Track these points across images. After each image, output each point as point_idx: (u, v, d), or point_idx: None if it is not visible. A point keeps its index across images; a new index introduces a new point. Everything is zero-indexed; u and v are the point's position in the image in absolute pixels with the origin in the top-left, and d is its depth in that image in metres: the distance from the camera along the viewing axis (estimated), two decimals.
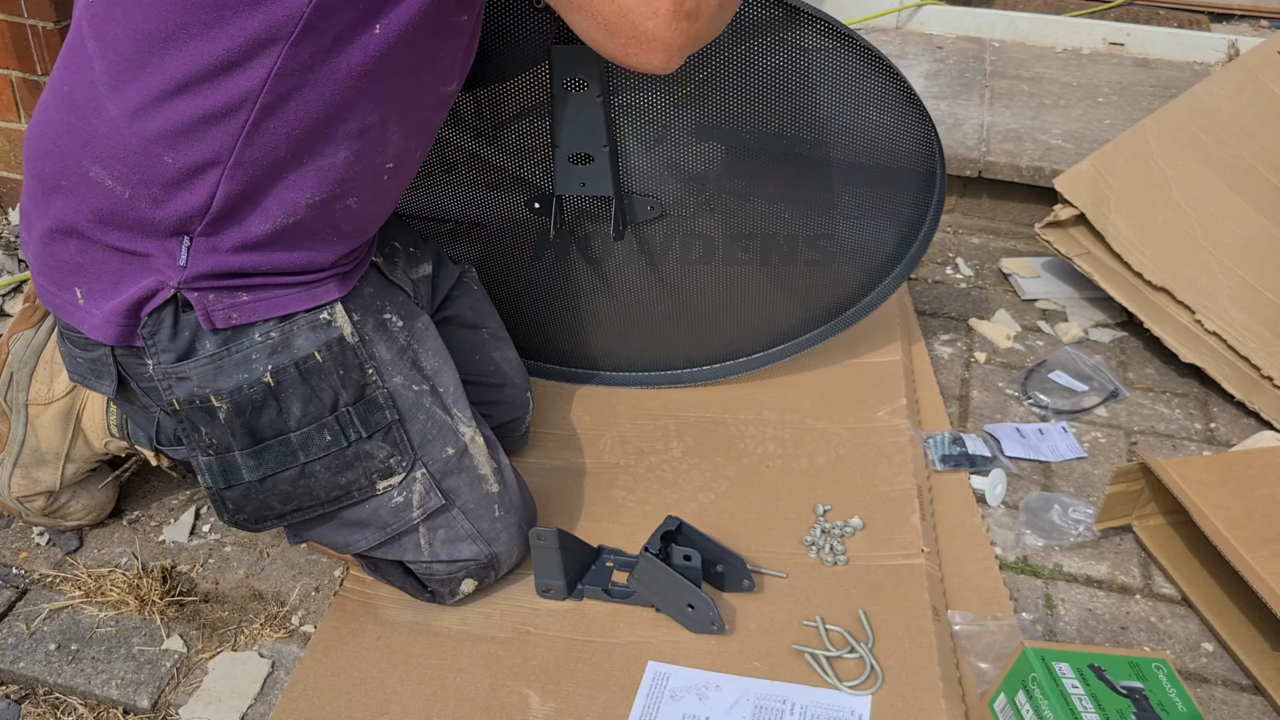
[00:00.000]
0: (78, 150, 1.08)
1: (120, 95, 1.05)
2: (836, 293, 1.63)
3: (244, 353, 1.13)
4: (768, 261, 1.57)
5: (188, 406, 1.14)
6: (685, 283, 1.60)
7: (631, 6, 1.00)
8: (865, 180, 1.50)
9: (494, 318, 1.52)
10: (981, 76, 2.63)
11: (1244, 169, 1.86)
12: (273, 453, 1.17)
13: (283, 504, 1.20)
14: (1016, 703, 1.16)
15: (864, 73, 1.39)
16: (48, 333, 1.43)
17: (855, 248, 1.58)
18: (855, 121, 1.44)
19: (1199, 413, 1.74)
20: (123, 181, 1.07)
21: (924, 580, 1.35)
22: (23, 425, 1.39)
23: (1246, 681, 1.28)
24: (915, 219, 1.57)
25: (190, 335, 1.13)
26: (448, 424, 1.25)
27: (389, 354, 1.22)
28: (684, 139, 1.43)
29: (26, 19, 1.88)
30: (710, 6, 1.05)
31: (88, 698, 1.25)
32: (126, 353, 1.16)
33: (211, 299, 1.11)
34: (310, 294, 1.16)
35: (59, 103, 1.11)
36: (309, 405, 1.16)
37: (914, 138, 1.46)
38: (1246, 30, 2.83)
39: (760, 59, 1.37)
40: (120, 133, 1.06)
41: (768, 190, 1.50)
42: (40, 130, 1.13)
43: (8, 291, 1.88)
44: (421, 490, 1.23)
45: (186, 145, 1.05)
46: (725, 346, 1.68)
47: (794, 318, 1.66)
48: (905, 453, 1.57)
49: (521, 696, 1.22)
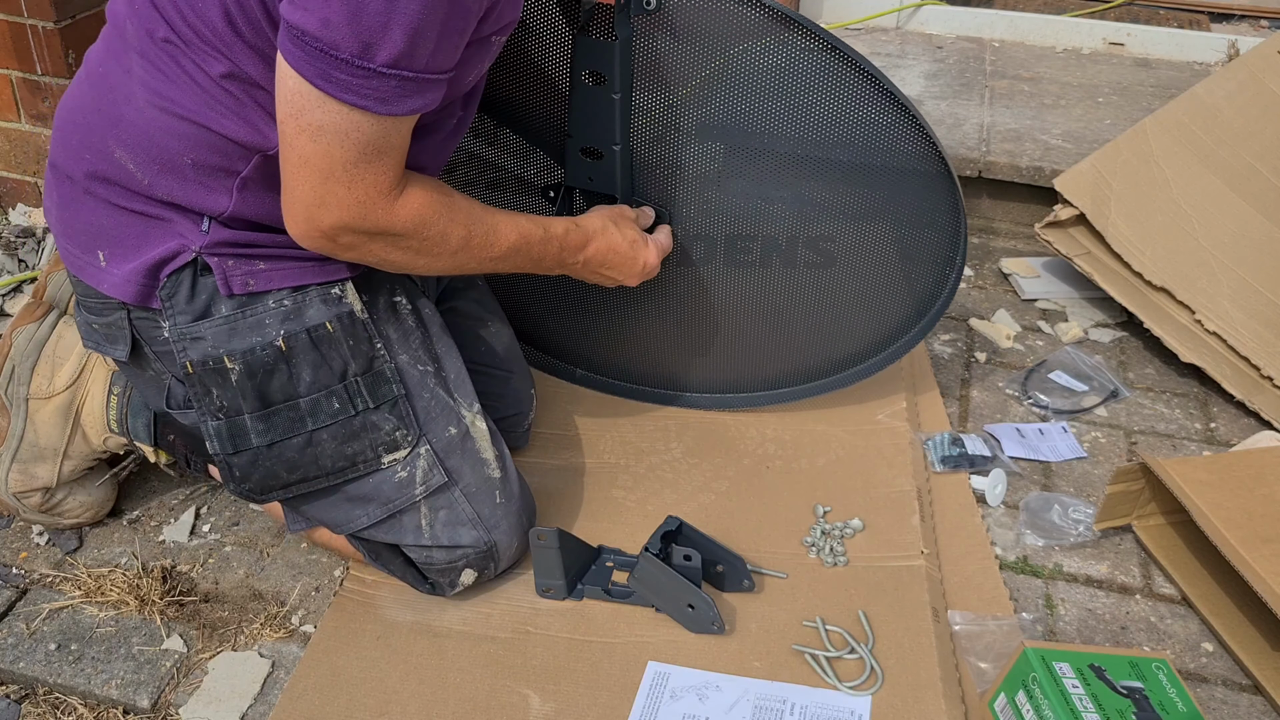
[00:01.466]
0: (105, 129, 1.12)
1: (151, 91, 1.09)
2: (851, 345, 1.60)
3: (258, 316, 1.16)
4: (788, 268, 1.53)
5: (200, 368, 1.17)
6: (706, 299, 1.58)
7: (310, 189, 1.03)
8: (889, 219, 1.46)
9: (498, 312, 1.54)
10: (982, 76, 2.63)
11: (1244, 169, 1.86)
12: (281, 417, 1.19)
13: (289, 472, 1.21)
14: (1017, 702, 1.16)
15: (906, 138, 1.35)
16: (50, 327, 1.43)
17: (873, 302, 1.54)
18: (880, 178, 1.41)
19: (1199, 412, 1.74)
20: (144, 169, 1.11)
21: (923, 581, 1.35)
22: (22, 419, 1.39)
23: (1246, 681, 1.28)
24: (938, 276, 1.53)
25: (207, 298, 1.16)
26: (450, 405, 1.27)
27: (396, 334, 1.25)
28: (694, 146, 1.42)
29: (27, 19, 1.88)
30: (370, 257, 1.12)
31: (88, 698, 1.25)
32: (143, 315, 1.19)
33: (231, 264, 1.15)
34: (324, 269, 1.19)
35: (93, 81, 1.14)
36: (319, 372, 1.18)
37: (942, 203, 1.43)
38: (1246, 30, 2.83)
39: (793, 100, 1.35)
40: (148, 126, 1.10)
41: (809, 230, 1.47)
42: (73, 103, 1.16)
43: (8, 291, 1.88)
44: (425, 466, 1.24)
45: (207, 153, 1.10)
46: (735, 376, 1.65)
47: (826, 358, 1.61)
48: (905, 455, 1.57)
49: (521, 696, 1.22)
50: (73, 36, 1.91)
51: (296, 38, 0.95)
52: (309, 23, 0.94)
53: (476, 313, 1.50)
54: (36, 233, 2.00)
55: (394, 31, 0.94)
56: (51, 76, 1.93)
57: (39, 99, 1.97)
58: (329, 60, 0.95)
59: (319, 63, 0.95)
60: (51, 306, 1.47)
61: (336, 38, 0.94)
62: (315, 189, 1.03)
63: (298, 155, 1.01)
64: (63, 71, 1.92)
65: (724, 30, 1.29)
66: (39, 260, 1.95)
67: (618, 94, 1.34)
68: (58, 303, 1.48)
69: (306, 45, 0.95)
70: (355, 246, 1.09)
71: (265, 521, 1.49)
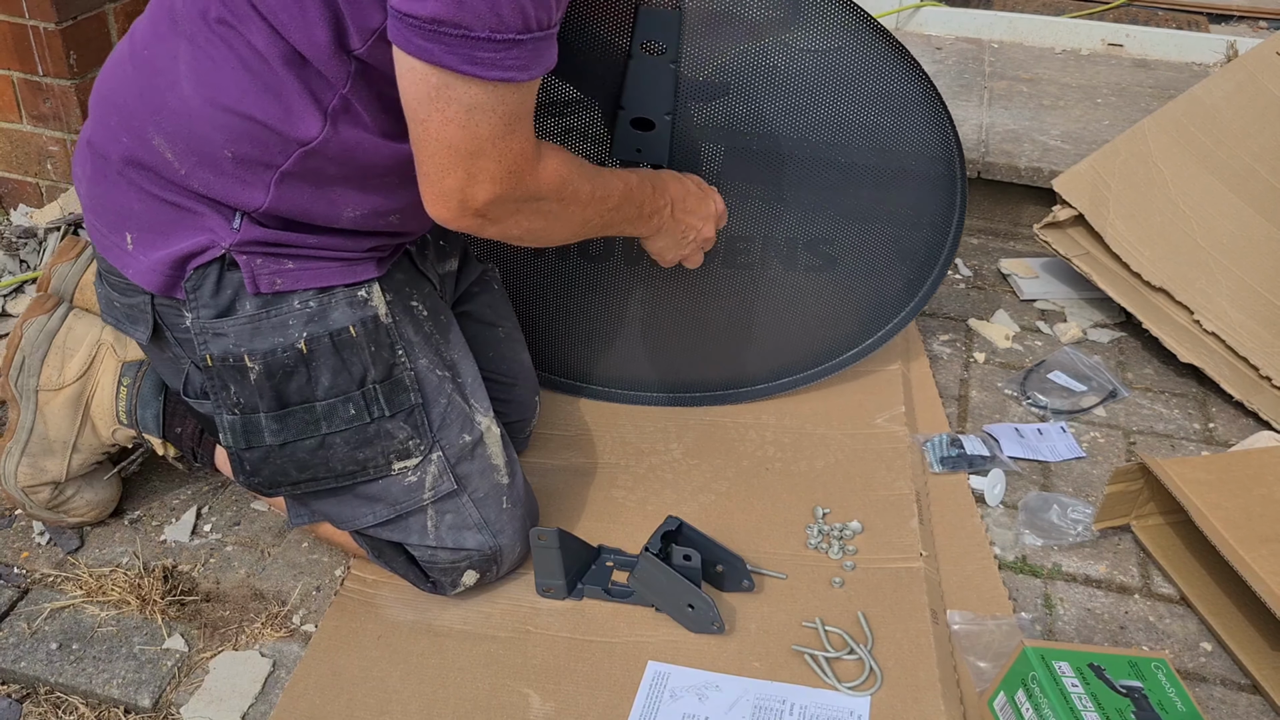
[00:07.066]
0: (146, 116, 1.11)
1: (200, 82, 1.08)
2: (847, 328, 1.63)
3: (282, 317, 1.16)
4: (792, 266, 1.56)
5: (220, 364, 1.17)
6: (703, 294, 1.59)
7: (448, 164, 1.04)
8: (888, 192, 1.51)
9: (511, 318, 1.53)
10: (980, 77, 2.64)
11: (1242, 169, 1.86)
12: (296, 419, 1.19)
13: (299, 471, 1.22)
14: (1016, 701, 1.16)
15: (892, 73, 1.41)
16: (60, 319, 1.44)
17: (875, 272, 1.58)
18: (880, 129, 1.45)
19: (1197, 413, 1.74)
20: (182, 160, 1.11)
21: (922, 583, 1.36)
22: (32, 411, 1.40)
23: (1245, 681, 1.29)
24: (929, 255, 1.57)
25: (232, 294, 1.16)
26: (466, 412, 1.27)
27: (417, 337, 1.25)
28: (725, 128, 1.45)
29: (28, 20, 1.88)
30: (516, 228, 1.12)
31: (89, 697, 1.25)
32: (166, 303, 1.19)
33: (259, 263, 1.15)
34: (351, 270, 1.19)
35: (138, 63, 1.13)
36: (338, 377, 1.19)
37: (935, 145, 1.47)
38: (1245, 31, 2.83)
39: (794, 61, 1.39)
40: (191, 115, 1.09)
41: (790, 196, 1.51)
42: (114, 84, 1.16)
43: (9, 292, 1.88)
44: (435, 473, 1.25)
45: (249, 145, 1.09)
46: (736, 371, 1.67)
47: (815, 345, 1.65)
48: (904, 458, 1.57)
49: (522, 696, 1.22)
50: (74, 38, 1.92)
51: (420, 28, 0.94)
52: (437, 10, 0.93)
53: (489, 318, 1.49)
54: (38, 233, 2.00)
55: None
56: (53, 77, 1.94)
57: (40, 100, 1.98)
58: (469, 43, 0.94)
59: (460, 48, 0.95)
60: (60, 299, 1.47)
61: (469, 18, 0.93)
62: (466, 171, 1.03)
63: (444, 144, 1.02)
64: (64, 72, 1.92)
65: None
66: (40, 261, 1.95)
67: (675, 63, 1.36)
68: (63, 295, 1.49)
69: (439, 34, 0.94)
70: (503, 219, 1.10)
71: (266, 521, 1.49)
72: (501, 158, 1.04)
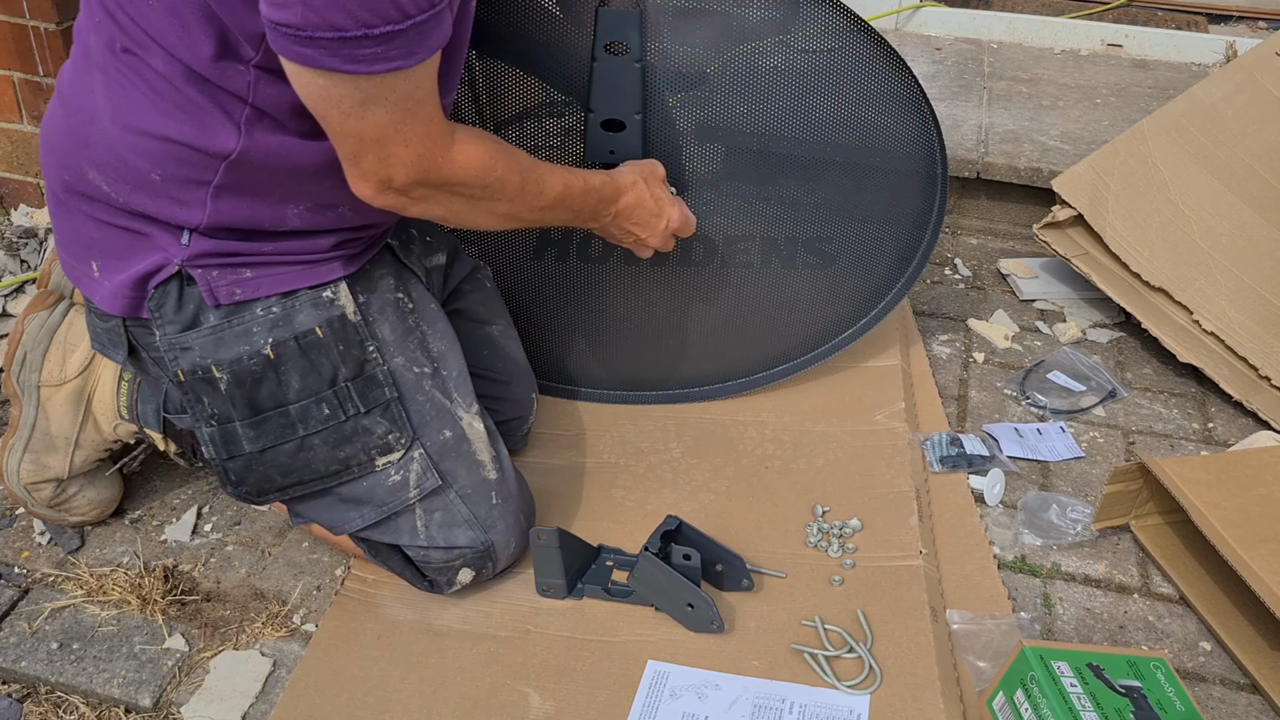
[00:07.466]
0: (77, 151, 1.13)
1: (115, 111, 1.09)
2: (840, 309, 1.64)
3: (245, 325, 1.16)
4: (768, 264, 1.57)
5: (191, 377, 1.17)
6: (688, 291, 1.60)
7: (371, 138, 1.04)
8: (870, 184, 1.51)
9: (504, 316, 1.53)
10: (980, 78, 2.64)
11: (1242, 169, 1.86)
12: (272, 424, 1.19)
13: (283, 476, 1.22)
14: (1015, 701, 1.16)
15: (879, 70, 1.41)
16: (62, 314, 1.45)
17: (860, 257, 1.59)
18: (859, 123, 1.45)
19: (1197, 412, 1.74)
20: (117, 189, 1.12)
21: (922, 581, 1.36)
22: (34, 407, 1.40)
23: (1244, 680, 1.29)
24: (916, 230, 1.58)
25: (195, 308, 1.16)
26: (446, 408, 1.27)
27: (393, 335, 1.25)
28: (697, 128, 1.45)
29: (29, 20, 1.88)
30: (438, 208, 1.13)
31: (89, 696, 1.25)
32: (136, 324, 1.20)
33: (215, 275, 1.15)
34: (314, 272, 1.19)
35: (63, 102, 1.15)
36: (307, 378, 1.18)
37: (916, 139, 1.47)
38: (1244, 31, 2.83)
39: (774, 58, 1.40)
40: (113, 144, 1.10)
41: (775, 192, 1.51)
42: (48, 125, 1.18)
43: (9, 292, 1.88)
44: (419, 470, 1.25)
45: (174, 165, 1.09)
46: (726, 365, 1.67)
47: (801, 333, 1.66)
48: (903, 456, 1.57)
49: (521, 695, 1.22)
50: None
51: (296, 35, 0.94)
52: (306, 16, 0.92)
53: (482, 315, 1.49)
54: (39, 233, 2.00)
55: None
56: (53, 78, 1.94)
57: (41, 100, 1.98)
58: (346, 43, 0.94)
59: (339, 49, 0.94)
60: (61, 295, 1.48)
61: (341, 19, 0.92)
62: (377, 155, 1.04)
63: (349, 134, 1.03)
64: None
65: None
66: (41, 260, 1.95)
67: (639, 62, 1.37)
68: (64, 291, 1.49)
69: (314, 39, 0.93)
70: (426, 199, 1.11)
71: (267, 521, 1.49)
72: (409, 141, 1.05)
